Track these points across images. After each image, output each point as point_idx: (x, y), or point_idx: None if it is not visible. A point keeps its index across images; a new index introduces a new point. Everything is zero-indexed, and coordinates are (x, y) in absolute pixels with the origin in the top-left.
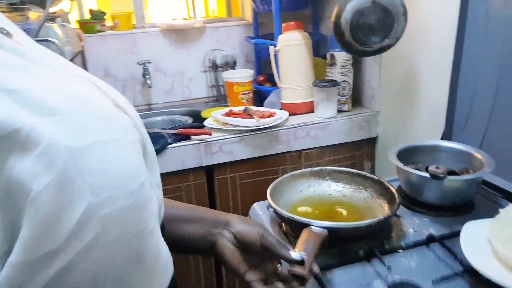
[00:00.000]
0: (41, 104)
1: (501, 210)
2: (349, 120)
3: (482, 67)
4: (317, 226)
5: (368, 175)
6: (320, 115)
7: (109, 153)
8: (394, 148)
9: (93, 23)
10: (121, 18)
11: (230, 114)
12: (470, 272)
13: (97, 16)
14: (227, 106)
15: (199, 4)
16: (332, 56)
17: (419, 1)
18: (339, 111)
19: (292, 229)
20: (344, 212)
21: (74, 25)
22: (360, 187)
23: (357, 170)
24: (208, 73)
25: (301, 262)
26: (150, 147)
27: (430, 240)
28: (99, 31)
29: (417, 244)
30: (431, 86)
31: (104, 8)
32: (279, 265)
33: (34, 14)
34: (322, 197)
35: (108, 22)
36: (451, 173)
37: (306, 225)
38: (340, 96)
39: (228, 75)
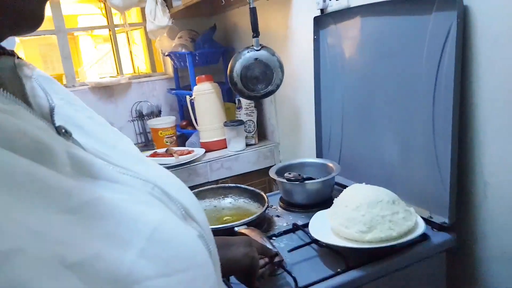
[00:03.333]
0: (114, 277)
1: (335, 199)
2: (256, 152)
3: (332, 102)
4: (239, 226)
5: (227, 185)
6: (232, 149)
7: None
8: (274, 167)
9: None
10: None
11: (154, 155)
12: (315, 242)
13: None
14: (154, 149)
15: (127, 62)
16: (239, 101)
17: (292, 58)
18: (247, 144)
19: None
20: (229, 217)
21: None
22: (222, 196)
23: (245, 186)
24: (135, 122)
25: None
26: (215, 256)
27: (295, 228)
28: None
29: (286, 232)
30: (308, 119)
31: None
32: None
33: None
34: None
35: None
36: (311, 180)
37: (230, 229)
38: (247, 132)
39: (153, 122)
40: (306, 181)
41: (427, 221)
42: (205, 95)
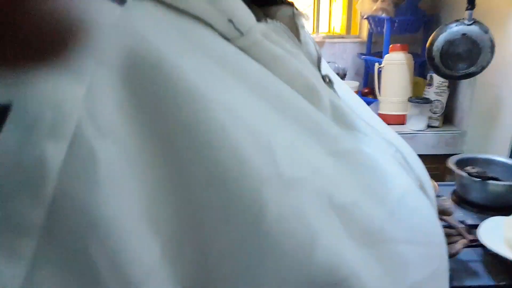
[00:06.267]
0: (367, 229)
1: None
2: (437, 135)
3: None
4: None
5: None
6: (411, 127)
7: None
8: (455, 157)
9: None
10: None
11: None
12: (482, 246)
13: None
14: None
15: (324, 20)
16: (431, 77)
17: (509, 40)
18: (429, 126)
19: None
20: None
21: None
22: None
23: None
24: None
25: None
26: None
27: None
28: None
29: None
30: (509, 113)
31: None
32: None
33: None
34: None
35: None
36: (495, 180)
37: None
38: (432, 113)
39: None
40: (490, 181)
41: None
42: (395, 65)
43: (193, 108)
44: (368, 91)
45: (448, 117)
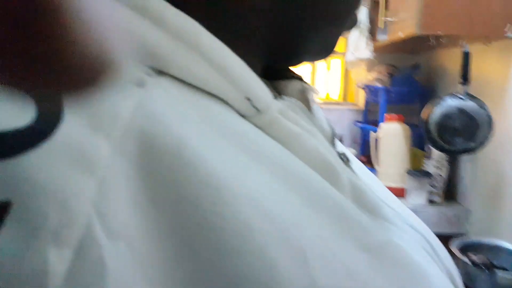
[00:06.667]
0: None
1: None
2: (439, 212)
3: None
4: None
5: None
6: (410, 201)
7: None
8: (458, 241)
9: None
10: None
11: None
12: None
13: None
14: None
15: (321, 87)
16: (429, 149)
17: (507, 115)
18: (430, 201)
19: None
20: None
21: None
22: None
23: None
24: None
25: None
26: None
27: None
28: None
29: None
30: None
31: None
32: None
33: None
34: None
35: None
36: (502, 270)
37: None
38: (432, 187)
39: None
40: (498, 271)
41: None
42: (392, 135)
43: (216, 202)
44: (365, 160)
45: (450, 193)
